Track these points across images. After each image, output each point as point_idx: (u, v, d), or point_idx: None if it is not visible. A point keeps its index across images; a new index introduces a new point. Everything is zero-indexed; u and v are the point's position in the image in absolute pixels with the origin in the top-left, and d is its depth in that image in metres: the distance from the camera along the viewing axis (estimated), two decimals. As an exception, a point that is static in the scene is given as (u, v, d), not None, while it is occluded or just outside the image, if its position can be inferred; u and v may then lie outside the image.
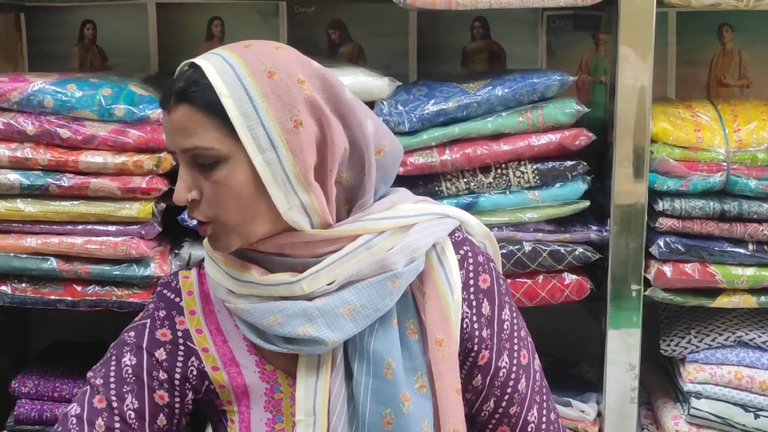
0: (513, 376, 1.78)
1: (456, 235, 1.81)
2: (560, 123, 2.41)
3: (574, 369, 2.72)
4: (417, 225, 1.73)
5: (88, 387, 1.78)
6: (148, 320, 1.80)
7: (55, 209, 2.40)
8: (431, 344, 1.71)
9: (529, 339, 1.85)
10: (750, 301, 2.44)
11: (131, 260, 2.42)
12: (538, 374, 1.83)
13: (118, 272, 2.42)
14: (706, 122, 2.46)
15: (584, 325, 2.61)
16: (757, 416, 2.45)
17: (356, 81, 2.39)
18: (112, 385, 1.76)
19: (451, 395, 1.70)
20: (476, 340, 1.76)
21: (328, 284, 1.67)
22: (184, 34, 2.87)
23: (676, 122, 2.44)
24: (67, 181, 2.38)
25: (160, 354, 1.76)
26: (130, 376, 1.75)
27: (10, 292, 2.44)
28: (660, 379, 2.69)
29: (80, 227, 2.41)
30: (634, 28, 2.33)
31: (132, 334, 1.80)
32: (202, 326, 1.78)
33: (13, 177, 2.38)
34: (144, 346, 1.77)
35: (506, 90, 2.40)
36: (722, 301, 2.45)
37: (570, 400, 2.48)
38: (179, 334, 1.77)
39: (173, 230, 2.52)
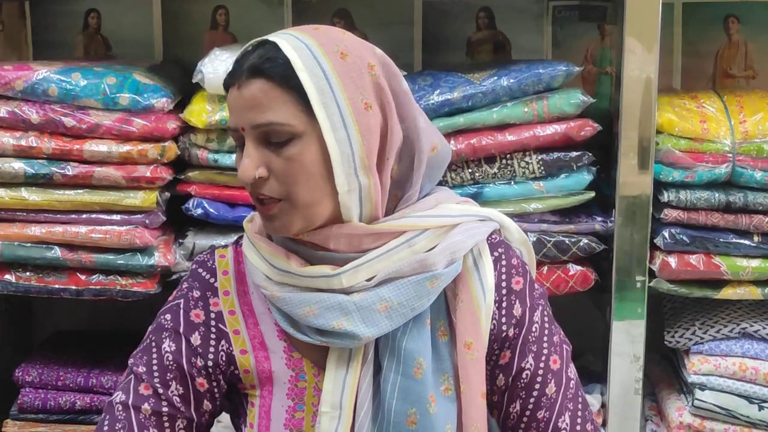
0: (539, 378, 1.74)
1: (493, 236, 1.78)
2: (565, 114, 2.41)
3: (579, 360, 2.65)
4: (460, 226, 1.72)
5: (132, 376, 1.75)
6: (182, 300, 1.77)
7: (59, 198, 2.41)
8: (460, 347, 1.70)
9: (566, 347, 1.81)
10: (755, 293, 2.44)
11: (135, 249, 2.43)
12: (572, 382, 1.78)
13: (122, 261, 2.42)
14: (712, 113, 2.46)
15: (589, 316, 2.60)
16: (761, 408, 2.46)
17: (361, 71, 2.38)
18: (156, 373, 1.73)
19: (477, 399, 1.69)
20: (502, 340, 1.74)
21: (367, 280, 1.65)
22: (189, 23, 2.87)
23: (682, 113, 2.44)
24: (71, 169, 2.39)
25: (195, 339, 1.74)
26: (171, 363, 1.73)
27: (14, 280, 2.45)
28: (664, 371, 2.69)
29: (84, 216, 2.42)
30: (640, 18, 2.33)
31: (168, 317, 1.77)
32: (236, 307, 1.76)
33: (18, 165, 2.39)
34: (181, 330, 1.74)
35: (511, 80, 2.40)
36: (727, 293, 2.45)
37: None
38: (212, 315, 1.75)
39: (178, 219, 2.52)
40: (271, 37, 1.63)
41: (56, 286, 2.45)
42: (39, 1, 2.87)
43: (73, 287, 2.45)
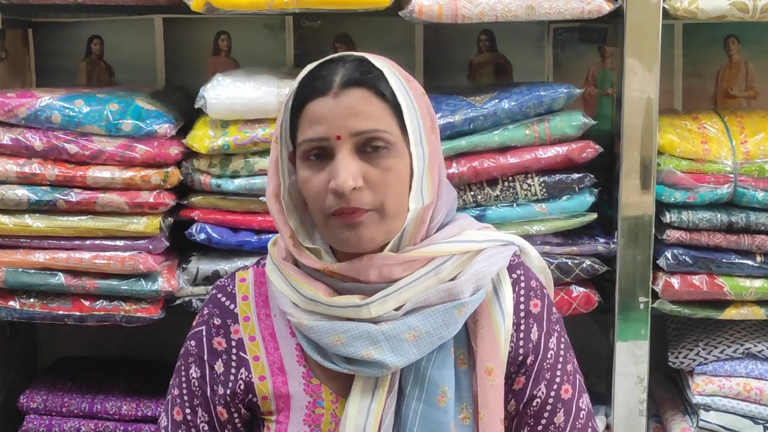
0: (549, 407, 1.75)
1: (511, 258, 1.79)
2: (567, 135, 2.42)
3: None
4: (483, 252, 1.73)
5: (170, 396, 1.81)
6: (204, 327, 1.79)
7: (63, 224, 2.41)
8: (480, 373, 1.70)
9: (579, 377, 1.81)
10: (758, 313, 2.44)
11: (139, 275, 2.43)
12: (583, 413, 1.78)
13: (126, 287, 2.43)
14: (713, 134, 2.46)
15: (592, 338, 2.60)
16: (766, 428, 2.46)
17: (363, 95, 2.39)
18: (186, 398, 1.78)
19: (496, 425, 1.70)
20: (519, 364, 1.75)
21: (395, 309, 1.66)
22: (191, 49, 2.88)
23: (683, 134, 2.44)
24: (74, 196, 2.40)
25: (219, 366, 1.76)
26: (197, 389, 1.77)
27: (18, 307, 2.45)
28: (669, 392, 2.69)
29: (88, 242, 2.43)
30: (641, 40, 2.34)
31: (193, 343, 1.80)
32: (256, 332, 1.77)
33: (21, 192, 2.40)
34: (205, 357, 1.77)
35: (513, 103, 2.40)
36: (730, 313, 2.45)
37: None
38: (233, 343, 1.77)
39: (181, 245, 2.53)
40: (355, 54, 1.68)
41: (60, 312, 2.45)
42: (42, 28, 2.88)
43: (77, 313, 2.45)
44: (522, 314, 1.75)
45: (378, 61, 1.67)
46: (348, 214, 1.62)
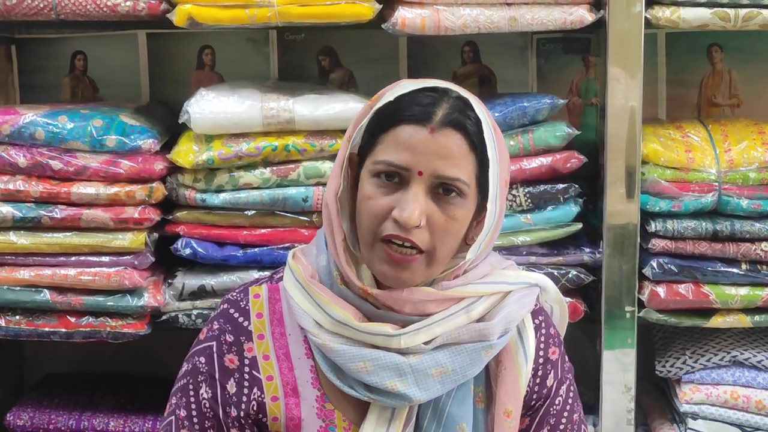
0: None
1: (534, 304, 1.81)
2: (551, 146, 2.43)
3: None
4: (512, 294, 1.74)
5: (173, 417, 1.75)
6: (214, 343, 1.75)
7: (48, 241, 2.41)
8: (499, 414, 1.71)
9: (584, 427, 1.83)
10: (744, 321, 2.46)
11: (125, 291, 2.43)
12: None
13: (111, 303, 2.42)
14: (697, 143, 2.48)
15: (579, 347, 2.59)
16: (753, 435, 2.47)
17: (347, 107, 2.39)
18: (195, 419, 1.73)
19: None
20: (529, 407, 1.77)
21: (425, 343, 1.66)
22: (175, 64, 2.88)
23: (667, 143, 2.46)
24: (59, 212, 2.40)
25: (231, 386, 1.72)
26: (209, 410, 1.72)
27: (4, 324, 2.45)
28: (656, 400, 2.70)
29: (73, 258, 2.43)
30: (623, 49, 2.36)
31: (202, 360, 1.74)
32: (270, 351, 1.73)
33: (6, 210, 2.40)
34: (217, 376, 1.73)
35: (497, 114, 2.41)
36: (716, 321, 2.46)
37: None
38: (246, 362, 1.73)
39: (166, 260, 2.52)
40: (459, 91, 1.66)
41: (46, 329, 2.45)
42: (26, 44, 2.89)
43: (63, 330, 2.44)
44: (541, 360, 1.77)
45: (476, 105, 1.65)
46: (401, 253, 1.61)
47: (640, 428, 2.64)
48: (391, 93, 1.66)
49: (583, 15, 2.36)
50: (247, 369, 1.72)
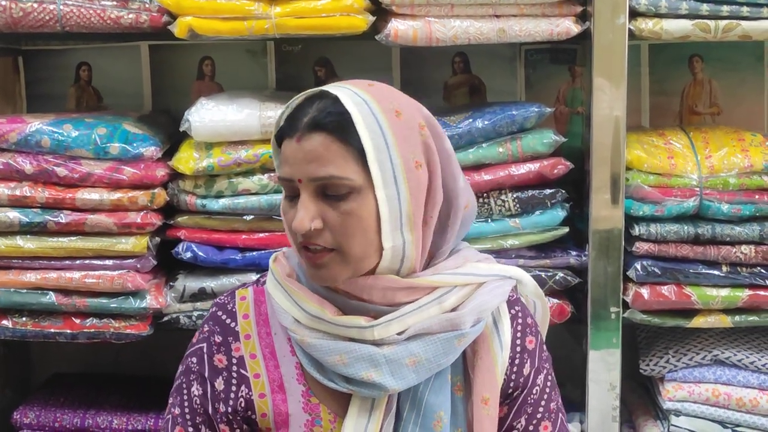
0: None
1: (510, 294, 1.83)
2: (539, 153, 2.47)
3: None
4: (485, 285, 1.76)
5: (170, 416, 1.80)
6: (205, 344, 1.79)
7: (53, 245, 2.45)
8: (477, 402, 1.74)
9: (562, 416, 1.84)
10: (725, 321, 2.50)
11: (128, 293, 2.48)
12: None
13: (115, 305, 2.47)
14: (679, 149, 2.53)
15: (566, 347, 2.64)
16: (734, 432, 2.52)
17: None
18: (188, 416, 1.77)
19: None
20: (506, 396, 1.79)
21: (398, 333, 1.69)
22: (176, 74, 2.93)
23: (650, 150, 2.51)
24: (64, 217, 2.44)
25: (219, 384, 1.77)
26: (199, 407, 1.77)
27: (11, 326, 2.50)
28: (641, 398, 2.73)
29: (78, 262, 2.47)
30: (608, 60, 2.40)
31: (194, 360, 1.79)
32: (257, 350, 1.77)
33: (13, 215, 2.44)
34: (206, 375, 1.77)
35: (486, 122, 2.46)
36: (698, 322, 2.50)
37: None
38: (234, 361, 1.77)
39: (168, 263, 2.57)
40: (330, 89, 1.66)
41: (52, 330, 2.49)
42: (32, 55, 2.93)
43: (68, 331, 2.49)
44: (518, 349, 1.79)
45: (357, 97, 1.65)
46: (313, 254, 1.65)
47: (625, 425, 2.68)
48: (282, 114, 1.71)
49: (569, 26, 2.40)
50: (235, 368, 1.77)
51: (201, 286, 2.51)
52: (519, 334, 1.80)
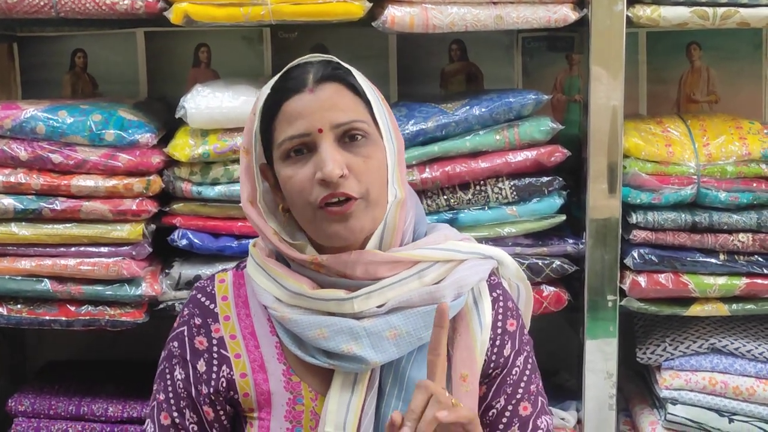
0: (504, 420, 1.80)
1: (492, 278, 1.85)
2: (536, 140, 2.47)
3: (554, 378, 2.77)
4: (466, 262, 1.78)
5: (155, 403, 1.82)
6: (185, 328, 1.82)
7: (48, 232, 2.45)
8: (455, 379, 1.75)
9: (542, 399, 1.85)
10: (722, 309, 2.50)
11: (123, 280, 2.47)
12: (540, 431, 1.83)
13: (110, 292, 2.47)
14: (677, 137, 2.52)
15: (563, 335, 2.65)
16: (731, 420, 2.51)
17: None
18: (172, 401, 1.79)
19: None
20: (486, 376, 1.80)
21: (378, 306, 1.71)
22: (172, 61, 2.92)
23: (648, 138, 2.50)
24: (59, 204, 2.44)
25: (201, 365, 1.78)
26: (182, 390, 1.79)
27: (5, 313, 2.49)
28: (637, 387, 2.74)
29: (73, 249, 2.47)
30: (606, 48, 2.40)
31: (176, 344, 1.82)
32: (237, 331, 1.79)
33: (8, 202, 2.44)
34: (188, 357, 1.79)
35: (483, 109, 2.46)
36: (695, 310, 2.50)
37: (550, 408, 2.52)
38: (214, 342, 1.79)
39: (163, 250, 2.57)
40: (312, 60, 1.75)
41: (47, 317, 2.48)
42: (27, 42, 2.92)
43: (63, 318, 2.48)
44: (499, 331, 1.81)
45: (342, 63, 1.75)
46: (339, 206, 1.66)
47: (622, 413, 2.68)
48: (263, 92, 1.75)
49: (567, 13, 2.40)
50: (215, 348, 1.79)
51: (196, 274, 2.51)
52: (500, 317, 1.82)
